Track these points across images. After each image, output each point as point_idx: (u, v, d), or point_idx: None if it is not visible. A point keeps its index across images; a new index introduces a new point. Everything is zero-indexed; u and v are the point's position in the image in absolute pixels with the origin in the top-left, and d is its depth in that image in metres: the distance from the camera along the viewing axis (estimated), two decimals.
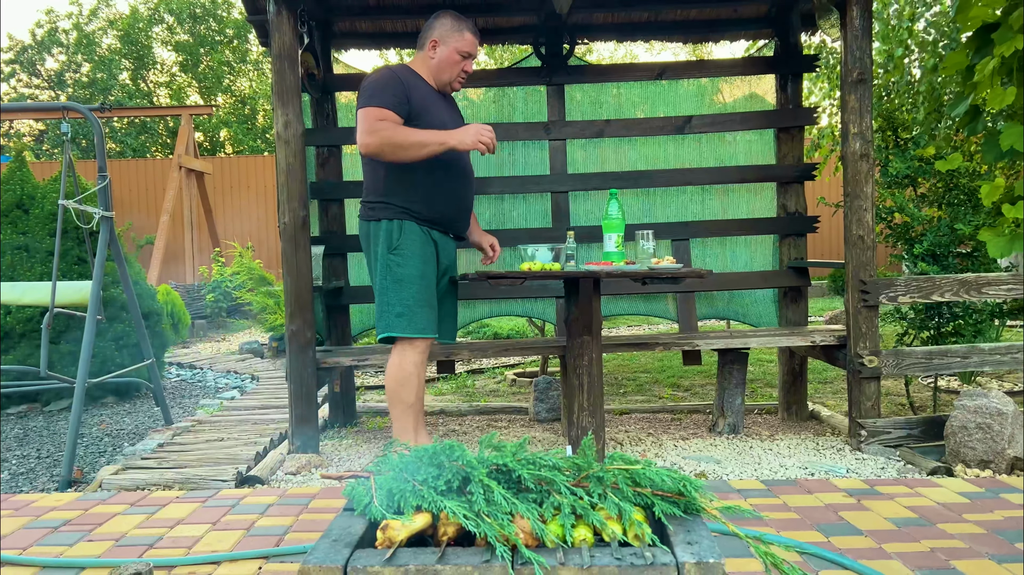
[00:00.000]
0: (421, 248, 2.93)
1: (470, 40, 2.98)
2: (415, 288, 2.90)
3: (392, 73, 2.90)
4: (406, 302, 2.88)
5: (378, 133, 2.78)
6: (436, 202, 2.96)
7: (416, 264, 2.91)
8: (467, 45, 2.98)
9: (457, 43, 2.97)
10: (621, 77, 4.24)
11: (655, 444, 3.63)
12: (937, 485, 2.79)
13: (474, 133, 2.82)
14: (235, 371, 6.20)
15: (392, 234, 2.92)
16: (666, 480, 1.44)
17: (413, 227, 2.92)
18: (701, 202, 4.21)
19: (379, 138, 2.78)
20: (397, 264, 2.90)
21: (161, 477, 3.12)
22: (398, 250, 2.90)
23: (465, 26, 2.98)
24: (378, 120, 2.79)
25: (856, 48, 3.36)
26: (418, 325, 2.89)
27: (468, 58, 3.00)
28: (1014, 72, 3.09)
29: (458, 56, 2.98)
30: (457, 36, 2.96)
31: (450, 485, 1.42)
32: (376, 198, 2.96)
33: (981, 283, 3.40)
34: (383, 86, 2.85)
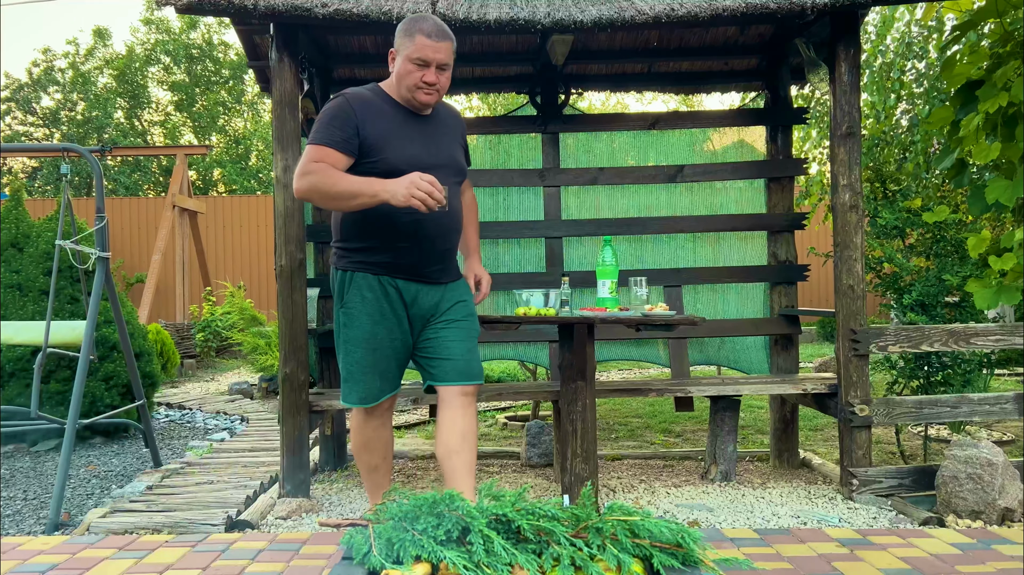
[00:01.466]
0: (373, 305, 2.55)
1: (420, 44, 2.43)
2: (359, 352, 2.57)
3: (344, 102, 2.48)
4: (349, 367, 2.60)
5: (308, 176, 2.38)
6: (400, 249, 2.55)
7: (363, 324, 2.55)
8: (417, 50, 2.44)
9: (408, 50, 2.46)
10: (614, 126, 4.32)
11: (648, 491, 3.62)
12: (929, 535, 2.80)
13: (406, 186, 2.28)
14: (225, 412, 6.16)
15: (343, 286, 2.59)
16: (664, 531, 1.45)
17: (365, 280, 2.56)
18: (693, 249, 4.27)
19: (307, 183, 2.39)
20: (345, 324, 2.59)
21: (150, 520, 3.09)
22: (346, 307, 2.58)
23: (418, 28, 2.45)
24: (314, 161, 2.40)
25: (845, 102, 3.44)
26: (358, 393, 2.60)
27: (423, 66, 2.45)
28: (998, 127, 3.17)
29: (411, 65, 2.46)
30: (407, 42, 2.46)
31: (450, 535, 1.42)
32: (335, 241, 2.65)
33: (969, 334, 3.45)
34: (329, 119, 2.46)
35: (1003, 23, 3.19)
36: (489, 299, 4.17)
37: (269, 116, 6.75)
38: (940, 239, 3.97)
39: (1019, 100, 3.01)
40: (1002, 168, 3.24)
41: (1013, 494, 3.04)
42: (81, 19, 33.03)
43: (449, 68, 2.52)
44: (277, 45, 3.38)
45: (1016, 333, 3.45)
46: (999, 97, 3.07)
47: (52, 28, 32.87)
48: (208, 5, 3.19)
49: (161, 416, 6.10)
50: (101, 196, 3.85)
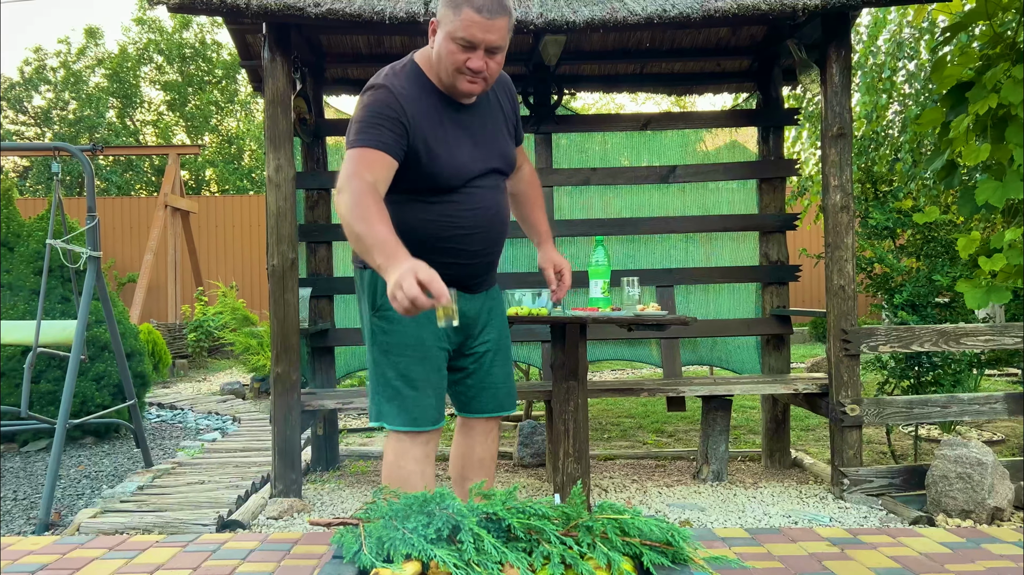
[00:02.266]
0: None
1: (468, 20, 1.92)
2: (405, 362, 2.11)
3: (390, 96, 2.01)
4: (393, 383, 2.11)
5: (344, 195, 1.90)
6: (442, 256, 2.08)
7: (407, 329, 2.10)
8: (463, 27, 1.93)
9: (451, 25, 1.95)
10: (607, 127, 4.32)
11: (640, 491, 3.63)
12: (919, 535, 2.81)
13: (393, 284, 1.74)
14: (216, 412, 6.14)
15: (376, 288, 2.12)
16: (654, 530, 1.45)
17: None
18: (685, 249, 4.28)
19: (342, 204, 1.91)
20: (382, 330, 2.12)
21: (141, 521, 3.08)
22: (383, 311, 2.11)
23: (464, 3, 1.93)
24: (361, 168, 1.94)
25: (836, 104, 3.45)
26: (409, 413, 2.10)
27: (468, 48, 1.95)
28: (988, 129, 3.20)
29: (453, 45, 1.95)
30: (451, 15, 1.95)
31: (440, 533, 1.42)
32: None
33: (959, 334, 3.46)
34: (374, 115, 2.00)
35: (993, 25, 3.21)
36: None
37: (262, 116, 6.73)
38: (930, 240, 3.99)
39: (1008, 102, 3.03)
40: (992, 169, 3.26)
41: (1003, 493, 3.06)
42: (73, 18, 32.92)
43: (503, 51, 2.01)
44: (270, 44, 3.37)
45: (1006, 333, 3.46)
46: (989, 99, 3.09)
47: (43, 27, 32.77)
48: (200, 4, 3.18)
49: (152, 416, 6.08)
50: (92, 195, 3.84)
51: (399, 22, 3.19)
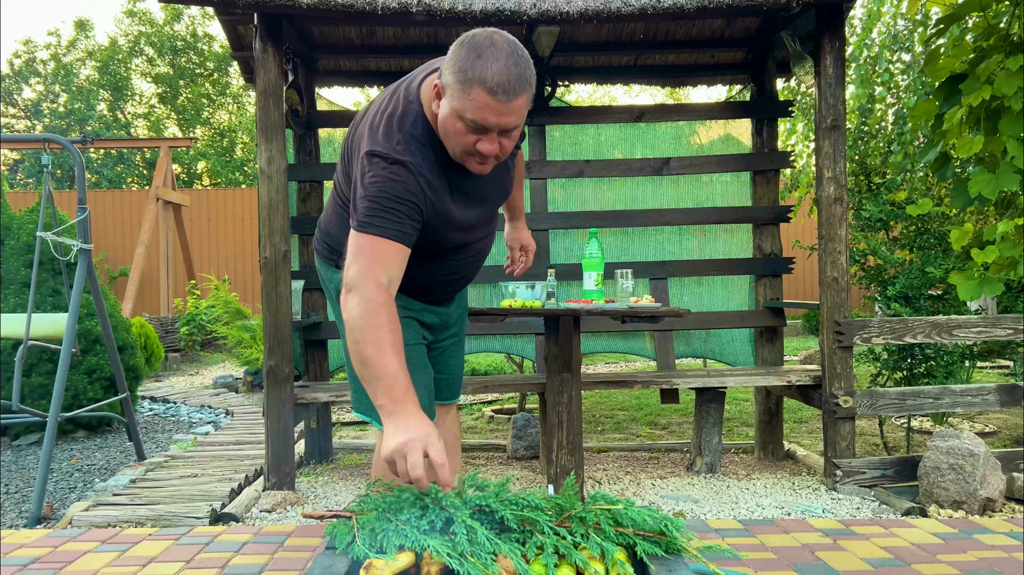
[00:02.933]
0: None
1: (479, 102, 1.65)
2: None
3: (412, 180, 1.76)
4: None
5: (355, 298, 1.68)
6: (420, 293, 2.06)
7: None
8: (472, 109, 1.66)
9: (459, 103, 1.67)
10: (601, 119, 4.31)
11: (633, 483, 3.63)
12: (911, 526, 2.82)
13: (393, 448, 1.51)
14: (209, 405, 6.12)
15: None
16: (648, 520, 1.45)
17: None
18: (679, 242, 4.28)
19: (352, 308, 1.68)
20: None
21: (133, 514, 3.07)
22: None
23: (478, 77, 1.63)
24: (376, 267, 1.70)
25: (830, 95, 3.45)
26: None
27: (476, 131, 1.70)
28: (981, 121, 3.19)
29: (461, 125, 1.70)
30: (460, 91, 1.66)
31: (433, 525, 1.41)
32: (335, 243, 2.07)
33: (952, 325, 3.47)
34: (392, 198, 1.74)
35: (987, 17, 3.20)
36: (475, 291, 4.17)
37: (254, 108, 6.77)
38: (924, 232, 4.00)
39: (1002, 94, 3.02)
40: (985, 161, 3.26)
41: (995, 484, 3.07)
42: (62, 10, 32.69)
43: (519, 128, 1.76)
44: (261, 35, 3.35)
45: (998, 325, 3.47)
46: (982, 90, 3.08)
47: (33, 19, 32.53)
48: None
49: (145, 410, 6.06)
50: (83, 187, 3.81)
51: (391, 12, 3.17)
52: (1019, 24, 3.17)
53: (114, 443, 4.71)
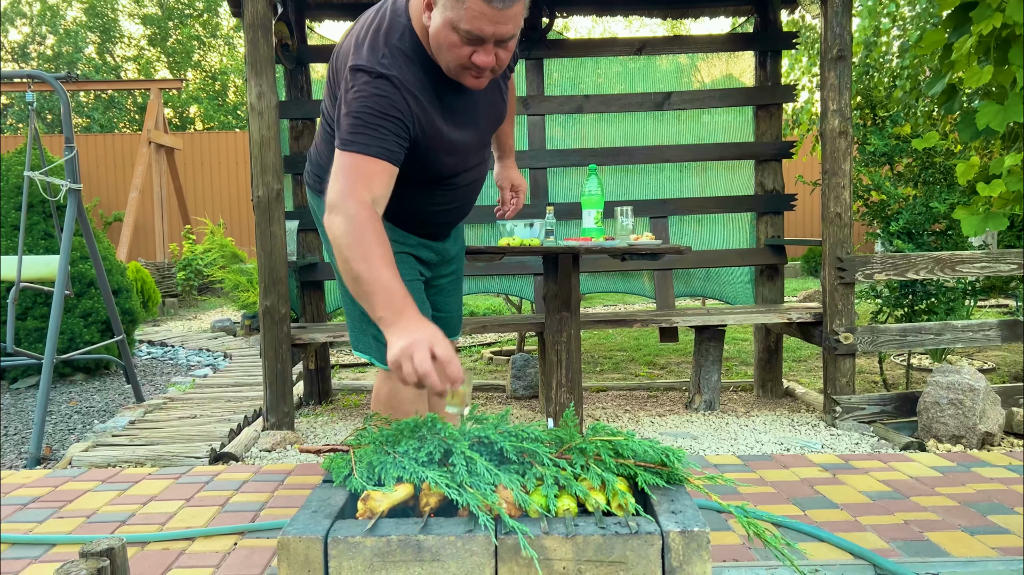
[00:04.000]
0: (388, 234, 1.77)
1: (474, 10, 1.61)
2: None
3: (396, 93, 1.72)
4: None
5: (339, 217, 1.63)
6: (417, 226, 2.04)
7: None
8: (467, 19, 1.62)
9: (452, 12, 1.63)
10: (600, 52, 4.20)
11: (632, 421, 3.64)
12: (910, 460, 2.83)
13: (402, 348, 1.48)
14: (207, 349, 6.12)
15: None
16: (648, 451, 1.43)
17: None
18: (680, 179, 4.21)
19: (336, 228, 1.63)
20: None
21: (133, 454, 3.07)
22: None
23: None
24: (359, 185, 1.66)
25: (836, 24, 3.35)
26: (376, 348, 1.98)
27: (471, 42, 1.66)
28: (991, 50, 3.10)
29: (455, 36, 1.66)
30: (456, 4, 1.62)
31: (432, 457, 1.39)
32: (324, 171, 1.95)
33: (955, 261, 3.43)
34: (375, 114, 1.70)
35: None
36: (472, 232, 4.11)
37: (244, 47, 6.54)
38: (928, 166, 3.93)
39: (1013, 21, 2.93)
40: (993, 93, 3.18)
41: (994, 419, 3.07)
42: None
43: (515, 38, 1.72)
44: None
45: (1002, 260, 3.44)
46: (993, 18, 2.99)
47: None
48: None
49: (143, 354, 6.05)
50: (69, 125, 3.72)
51: None
52: None
53: (112, 386, 4.71)
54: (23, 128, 17.02)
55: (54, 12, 18.07)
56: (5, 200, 4.79)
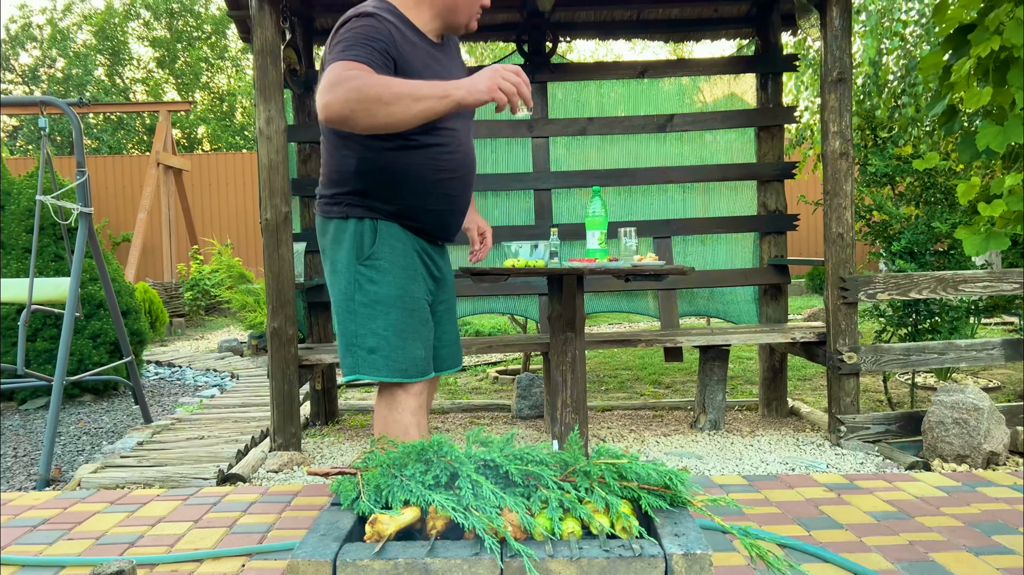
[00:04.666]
0: (404, 258, 2.09)
1: None
2: (395, 314, 2.05)
3: (378, 23, 1.96)
4: (381, 333, 2.04)
5: (344, 84, 1.80)
6: (428, 202, 2.11)
7: (396, 280, 2.07)
8: None
9: None
10: (603, 75, 4.25)
11: (637, 440, 3.65)
12: (915, 479, 2.83)
13: (490, 77, 1.80)
14: (214, 369, 6.15)
15: (363, 238, 2.07)
16: (652, 474, 1.45)
17: (391, 229, 2.09)
18: (683, 200, 4.24)
19: (344, 91, 1.79)
20: (370, 280, 2.06)
21: (141, 475, 3.09)
22: (372, 261, 2.06)
23: None
24: (347, 72, 1.83)
25: (836, 48, 3.39)
26: (399, 364, 2.04)
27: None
28: (990, 72, 3.14)
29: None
30: None
31: (438, 480, 1.42)
32: (340, 189, 2.10)
33: (958, 280, 3.45)
34: (363, 37, 1.91)
35: None
36: None
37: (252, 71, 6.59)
38: (930, 186, 3.96)
39: (1011, 44, 2.97)
40: (993, 114, 3.21)
41: (999, 438, 3.07)
42: None
43: None
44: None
45: (1004, 279, 3.45)
46: (991, 41, 3.03)
47: None
48: None
49: (151, 374, 6.09)
50: (81, 150, 3.78)
51: None
52: None
53: (120, 407, 4.74)
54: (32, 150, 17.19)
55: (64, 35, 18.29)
56: (16, 223, 4.85)
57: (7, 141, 18.08)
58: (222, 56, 19.49)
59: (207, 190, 12.78)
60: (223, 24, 18.78)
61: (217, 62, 19.51)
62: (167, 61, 18.95)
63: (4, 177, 4.97)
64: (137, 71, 19.63)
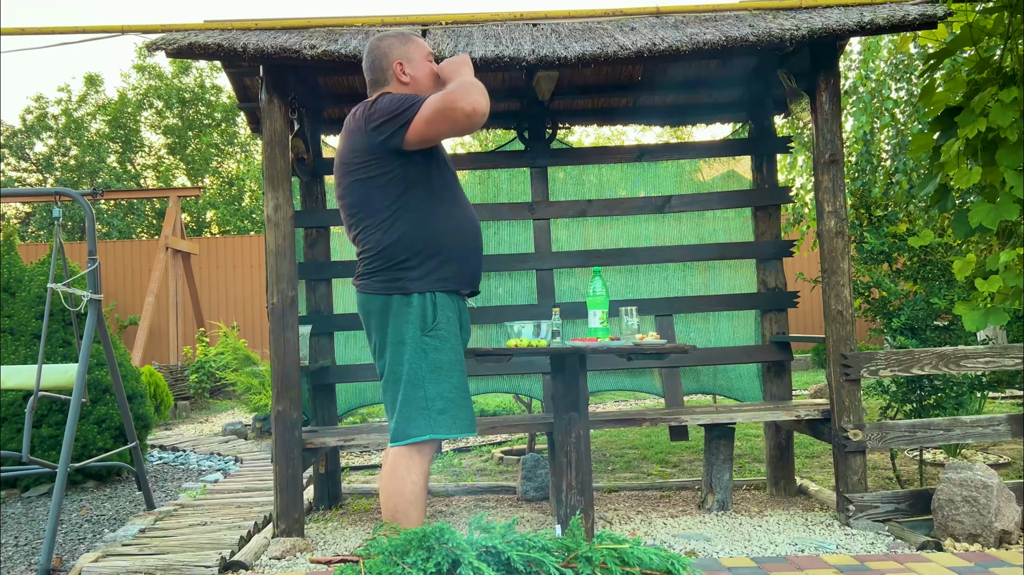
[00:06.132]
0: (455, 326, 2.43)
1: (423, 42, 2.57)
2: (456, 377, 2.37)
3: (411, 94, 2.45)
4: (448, 395, 2.33)
5: (474, 85, 2.28)
6: (466, 262, 2.48)
7: (455, 346, 2.40)
8: (426, 46, 2.57)
9: (422, 51, 2.53)
10: (602, 159, 4.37)
11: (645, 522, 3.60)
12: (927, 560, 2.79)
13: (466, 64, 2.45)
14: (218, 453, 6.11)
15: (426, 312, 2.36)
16: (654, 559, 1.45)
17: (448, 299, 2.41)
18: (683, 278, 4.30)
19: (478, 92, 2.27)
20: (435, 349, 2.35)
21: (143, 564, 3.06)
22: (435, 332, 2.36)
23: (408, 33, 2.58)
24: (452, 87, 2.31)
25: (827, 131, 3.49)
26: (464, 422, 2.36)
27: (432, 60, 2.58)
28: (978, 152, 3.22)
29: (428, 63, 2.53)
30: (412, 46, 2.53)
31: (439, 568, 1.42)
32: (401, 264, 2.38)
33: (959, 356, 3.46)
34: (411, 95, 2.39)
35: (979, 51, 3.26)
36: (481, 331, 4.18)
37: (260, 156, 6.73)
38: (927, 263, 4.01)
39: (997, 125, 3.06)
40: (984, 192, 3.29)
41: (1010, 516, 3.03)
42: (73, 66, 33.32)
43: None
44: (267, 87, 3.42)
45: (1006, 355, 3.46)
46: (978, 122, 3.12)
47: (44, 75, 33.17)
48: (198, 49, 3.24)
49: (154, 458, 6.05)
50: (93, 239, 3.87)
51: None
52: (1011, 57, 3.21)
53: (123, 492, 4.70)
54: (44, 236, 17.46)
55: (78, 124, 18.81)
56: (26, 309, 4.91)
57: (19, 228, 18.40)
58: (231, 142, 19.97)
59: (214, 273, 12.93)
60: (233, 111, 19.31)
61: (226, 148, 19.98)
62: (178, 147, 19.42)
63: (16, 264, 5.06)
64: (148, 157, 20.10)
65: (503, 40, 3.43)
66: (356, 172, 2.40)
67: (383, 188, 2.36)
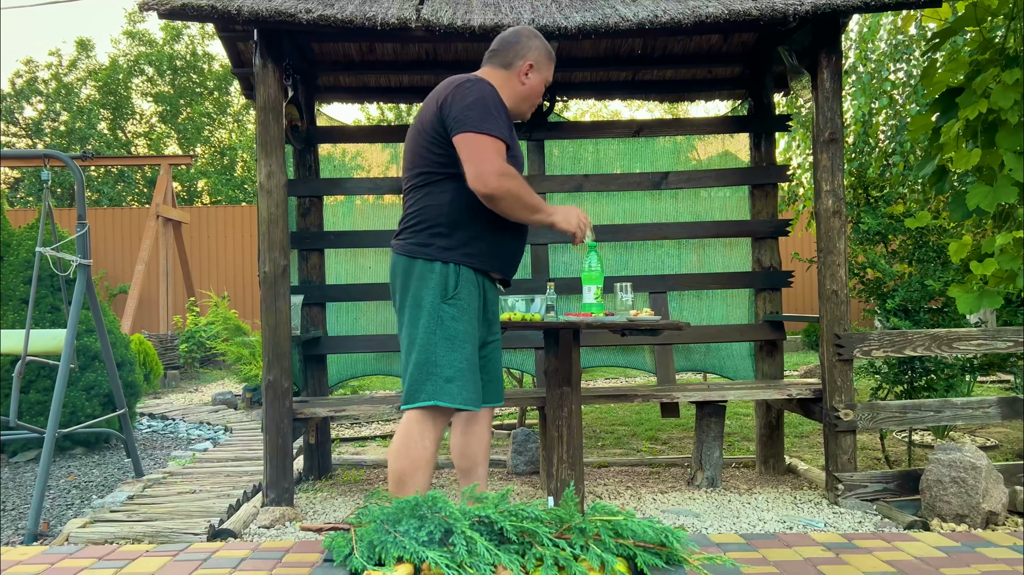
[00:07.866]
0: (475, 302, 2.47)
1: (551, 68, 2.60)
2: (468, 349, 2.41)
3: (496, 94, 2.42)
4: (457, 364, 2.37)
5: (510, 180, 2.31)
6: (501, 246, 2.52)
7: (471, 320, 2.44)
8: (550, 74, 2.59)
9: (547, 72, 2.56)
10: (599, 134, 4.33)
11: (634, 498, 3.61)
12: (914, 539, 2.80)
13: (576, 216, 2.47)
14: (208, 422, 6.10)
15: (448, 280, 2.42)
16: (648, 531, 1.44)
17: (471, 274, 2.45)
18: (678, 255, 4.28)
19: (509, 186, 2.30)
20: (452, 318, 2.40)
21: (131, 530, 3.05)
22: (454, 301, 2.41)
23: (551, 53, 2.59)
24: (500, 159, 2.33)
25: (827, 109, 3.46)
26: (468, 394, 2.38)
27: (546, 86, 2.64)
28: (978, 134, 3.20)
29: (542, 87, 2.56)
30: (548, 65, 2.56)
31: (432, 536, 1.41)
32: (434, 230, 2.44)
33: (952, 338, 3.47)
34: (494, 108, 2.38)
35: (982, 31, 3.22)
36: None
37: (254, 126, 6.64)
38: (922, 245, 4.00)
39: (998, 107, 3.04)
40: (982, 174, 3.27)
41: (997, 497, 3.05)
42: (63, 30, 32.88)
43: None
44: (261, 51, 3.37)
45: (998, 337, 3.47)
46: (978, 104, 3.09)
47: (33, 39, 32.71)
48: (191, 10, 3.18)
49: (143, 427, 6.04)
50: (83, 203, 3.82)
51: (391, 28, 3.19)
52: (1014, 38, 3.19)
53: (112, 460, 4.69)
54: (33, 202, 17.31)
55: (69, 90, 18.58)
56: (14, 274, 4.86)
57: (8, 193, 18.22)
58: (224, 111, 19.77)
59: (205, 242, 12.85)
60: (226, 80, 19.10)
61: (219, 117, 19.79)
62: (169, 116, 19.22)
63: (4, 229, 5.00)
64: (139, 125, 19.90)
65: (503, 8, 3.38)
66: (427, 128, 2.43)
67: (441, 153, 2.41)
